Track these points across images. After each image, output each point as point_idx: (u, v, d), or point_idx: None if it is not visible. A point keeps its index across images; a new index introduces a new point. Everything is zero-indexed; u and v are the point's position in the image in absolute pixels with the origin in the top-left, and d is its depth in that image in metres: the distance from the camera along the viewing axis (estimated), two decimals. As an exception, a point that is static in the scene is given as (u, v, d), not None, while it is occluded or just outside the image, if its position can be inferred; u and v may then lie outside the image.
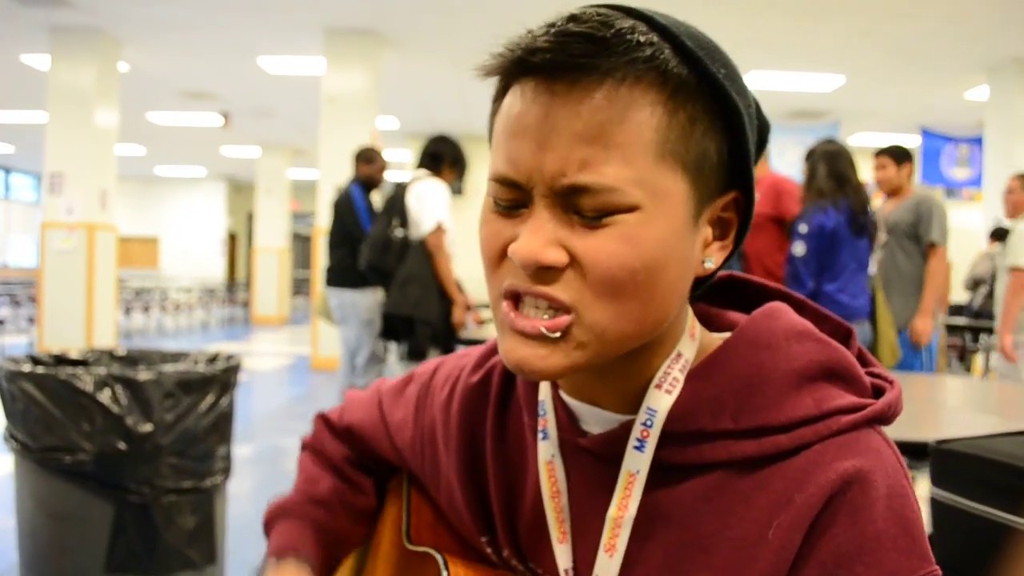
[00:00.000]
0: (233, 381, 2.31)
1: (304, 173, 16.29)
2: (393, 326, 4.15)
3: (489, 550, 0.75)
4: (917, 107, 10.15)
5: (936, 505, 1.06)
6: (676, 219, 0.57)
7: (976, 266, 7.18)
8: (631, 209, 0.55)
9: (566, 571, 0.66)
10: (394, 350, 4.77)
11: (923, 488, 1.19)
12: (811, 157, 3.75)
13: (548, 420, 0.68)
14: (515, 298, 0.58)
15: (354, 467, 0.93)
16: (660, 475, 0.61)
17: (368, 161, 4.82)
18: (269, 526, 0.90)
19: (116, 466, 2.07)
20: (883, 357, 3.73)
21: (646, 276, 0.55)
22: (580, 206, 0.55)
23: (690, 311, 0.65)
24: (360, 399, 0.94)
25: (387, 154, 4.98)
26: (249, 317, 15.25)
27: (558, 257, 0.55)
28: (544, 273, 0.55)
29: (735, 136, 0.59)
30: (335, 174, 7.25)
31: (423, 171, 4.20)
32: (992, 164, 8.33)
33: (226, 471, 2.32)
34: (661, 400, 0.61)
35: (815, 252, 3.56)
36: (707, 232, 0.61)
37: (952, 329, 6.83)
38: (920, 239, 3.98)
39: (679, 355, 0.62)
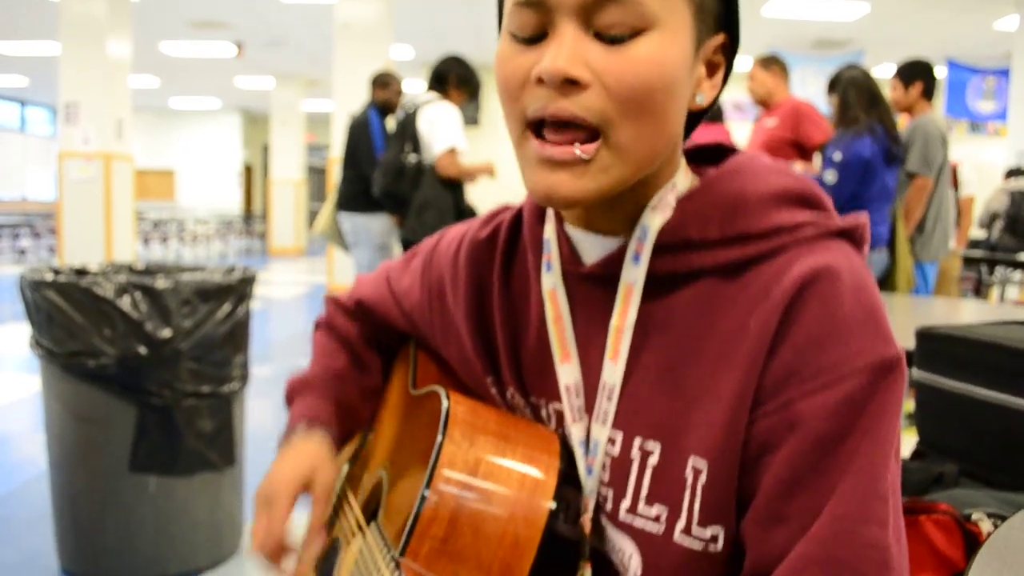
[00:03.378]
0: (249, 292, 2.36)
1: (318, 105, 16.19)
2: (412, 253, 4.17)
3: (494, 390, 0.81)
4: (943, 37, 9.93)
5: (919, 386, 1.11)
6: (684, 46, 0.63)
7: (992, 201, 7.09)
8: (650, 28, 0.60)
9: (568, 387, 0.72)
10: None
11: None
12: (836, 85, 3.70)
13: (552, 255, 0.74)
14: (539, 130, 0.62)
15: (364, 345, 0.99)
16: (654, 287, 0.68)
17: (384, 86, 4.79)
18: (291, 398, 0.96)
19: (137, 370, 2.15)
20: (899, 284, 3.74)
21: (663, 96, 0.61)
22: (605, 24, 0.60)
23: (683, 158, 0.72)
24: (368, 278, 1.01)
25: (403, 85, 4.93)
26: (266, 248, 15.38)
27: (582, 72, 0.60)
28: (569, 89, 0.60)
29: None
30: (350, 104, 7.22)
31: (432, 94, 4.17)
32: (1018, 97, 8.16)
33: (243, 379, 2.39)
34: (654, 218, 0.67)
35: (847, 181, 3.51)
36: (701, 70, 0.67)
37: (968, 262, 6.79)
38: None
39: (674, 185, 0.69)
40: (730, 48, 0.69)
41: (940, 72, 10.31)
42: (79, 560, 2.31)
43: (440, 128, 3.99)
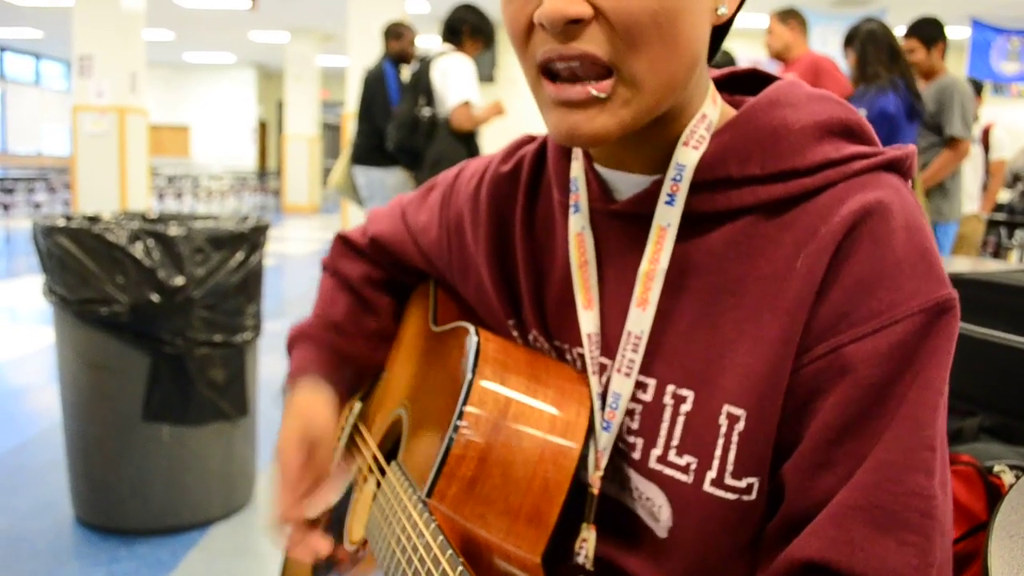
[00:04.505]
0: (261, 241, 2.35)
1: (333, 60, 16.07)
2: (427, 208, 4.13)
3: (515, 333, 0.78)
4: (969, -6, 9.70)
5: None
6: None
7: (1014, 162, 6.98)
8: None
9: (589, 335, 0.69)
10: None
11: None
12: (853, 40, 3.62)
13: (580, 194, 0.71)
14: (551, 73, 0.59)
15: (371, 286, 0.96)
16: (690, 227, 0.64)
17: (397, 36, 4.71)
18: (290, 349, 0.95)
19: (150, 318, 2.14)
20: None
21: (667, 18, 0.56)
22: None
23: (711, 81, 0.67)
24: (382, 212, 0.97)
25: (418, 40, 4.85)
26: (280, 205, 15.37)
27: (582, 9, 0.56)
28: (572, 30, 0.56)
29: None
30: (365, 60, 7.14)
31: (446, 46, 4.10)
32: (1044, 56, 7.99)
33: (256, 328, 2.39)
34: (689, 155, 0.63)
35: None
36: None
37: (988, 225, 6.70)
38: (941, 131, 3.77)
39: (704, 116, 0.65)
40: None
41: (963, 32, 10.13)
42: (92, 509, 2.33)
43: (453, 81, 3.92)
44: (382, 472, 0.79)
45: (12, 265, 7.69)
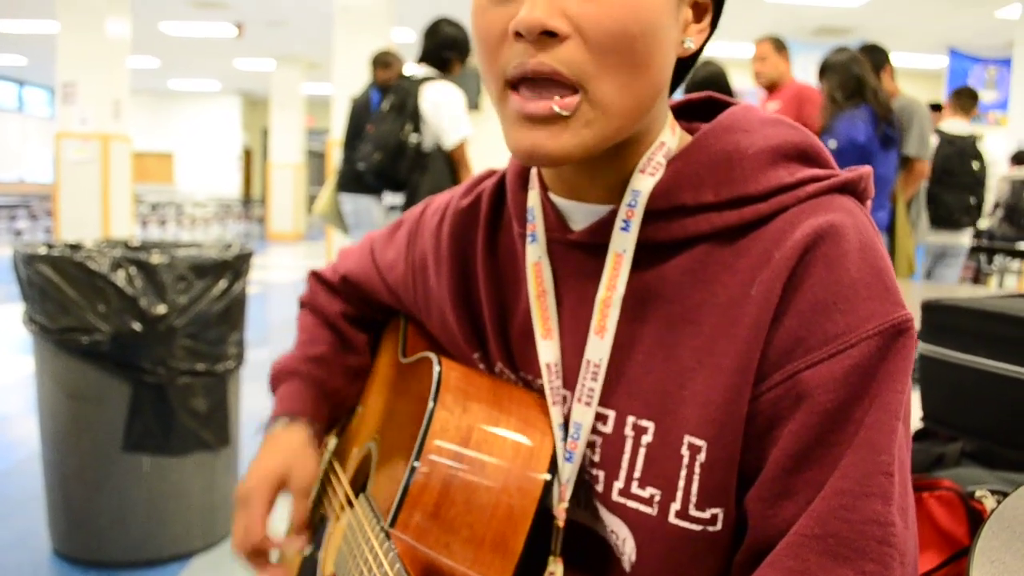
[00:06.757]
0: (245, 269, 2.34)
1: (318, 88, 16.11)
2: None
3: (482, 366, 0.77)
4: (946, 26, 9.87)
5: (925, 360, 1.09)
6: None
7: (995, 188, 7.07)
8: None
9: (548, 365, 0.69)
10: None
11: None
12: (824, 72, 3.67)
13: (536, 225, 0.71)
14: (518, 88, 0.59)
15: (349, 323, 0.97)
16: (646, 255, 0.64)
17: (386, 65, 4.72)
18: (275, 385, 0.96)
19: (132, 347, 2.12)
20: (899, 268, 3.72)
21: (643, 44, 0.57)
22: None
23: (669, 111, 0.68)
24: (351, 250, 0.98)
25: (404, 68, 4.87)
26: (265, 233, 15.33)
27: (560, 24, 0.56)
28: (547, 42, 0.56)
29: None
30: (350, 88, 7.17)
31: (431, 70, 4.09)
32: (1020, 86, 8.12)
33: (239, 358, 2.37)
34: (644, 182, 0.64)
35: (844, 168, 3.48)
36: (687, 13, 0.64)
37: (970, 251, 6.75)
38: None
39: (662, 144, 0.65)
40: None
41: (941, 61, 10.30)
42: (71, 541, 2.29)
43: (450, 114, 3.89)
44: (351, 506, 0.79)
45: (-8, 293, 7.62)
